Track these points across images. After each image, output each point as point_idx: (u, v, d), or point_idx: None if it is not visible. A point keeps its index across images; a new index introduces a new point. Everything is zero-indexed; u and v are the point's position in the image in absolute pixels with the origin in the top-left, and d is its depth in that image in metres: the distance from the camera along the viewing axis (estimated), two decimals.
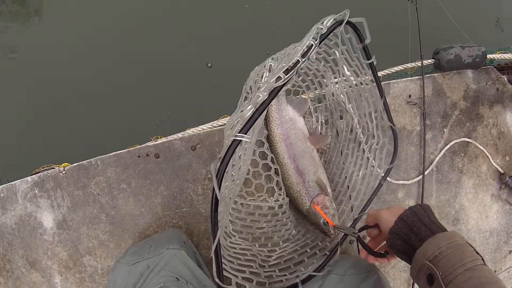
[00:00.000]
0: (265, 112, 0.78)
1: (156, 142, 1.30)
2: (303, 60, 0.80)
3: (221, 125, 1.33)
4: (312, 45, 0.82)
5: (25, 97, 2.00)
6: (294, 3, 2.28)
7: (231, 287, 0.83)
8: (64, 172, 1.29)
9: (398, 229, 0.79)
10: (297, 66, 0.79)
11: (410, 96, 1.47)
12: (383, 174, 1.28)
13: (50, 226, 1.27)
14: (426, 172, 1.47)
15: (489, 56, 1.60)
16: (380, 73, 1.47)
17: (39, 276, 1.27)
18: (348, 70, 1.14)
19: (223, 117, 1.37)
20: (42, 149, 1.85)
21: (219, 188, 0.71)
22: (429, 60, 1.52)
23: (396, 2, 1.53)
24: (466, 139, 1.56)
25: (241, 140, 0.70)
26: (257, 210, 1.21)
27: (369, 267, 1.09)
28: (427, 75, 1.51)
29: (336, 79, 1.23)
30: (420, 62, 1.48)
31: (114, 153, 1.29)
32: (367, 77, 1.16)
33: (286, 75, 0.77)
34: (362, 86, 1.19)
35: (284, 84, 0.77)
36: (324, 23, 0.87)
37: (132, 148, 1.30)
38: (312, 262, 1.15)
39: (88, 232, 1.25)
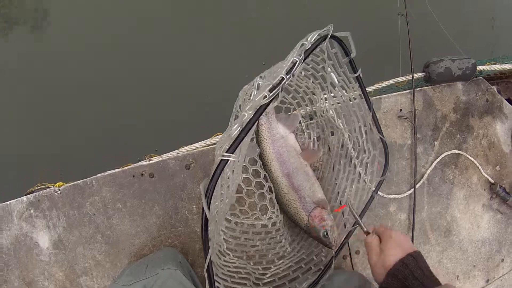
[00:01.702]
0: (252, 130, 0.80)
1: (151, 162, 1.31)
2: (287, 77, 0.81)
3: (214, 143, 1.34)
4: (297, 61, 0.83)
5: (19, 114, 2.01)
6: (288, 20, 2.28)
7: None
8: (59, 192, 1.29)
9: (389, 284, 0.73)
10: (282, 84, 0.80)
11: (400, 110, 1.49)
12: (373, 188, 1.29)
13: (46, 246, 1.27)
14: (417, 186, 1.49)
15: (479, 67, 1.63)
16: (370, 88, 1.49)
17: None
18: (335, 86, 1.16)
19: (216, 135, 1.38)
20: (37, 167, 1.86)
21: (209, 208, 0.73)
22: (420, 74, 1.54)
23: (387, 16, 1.55)
24: (457, 151, 1.59)
25: (228, 159, 0.72)
26: (250, 229, 1.23)
27: (361, 282, 1.10)
28: (417, 89, 1.53)
29: (326, 95, 1.25)
30: (411, 76, 1.50)
31: (109, 172, 1.30)
32: (355, 92, 1.17)
33: (271, 93, 0.79)
34: (351, 101, 1.20)
35: (269, 102, 0.79)
36: (309, 38, 0.89)
37: (126, 168, 1.31)
38: (306, 278, 1.16)
39: (84, 252, 1.26)
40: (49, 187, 1.35)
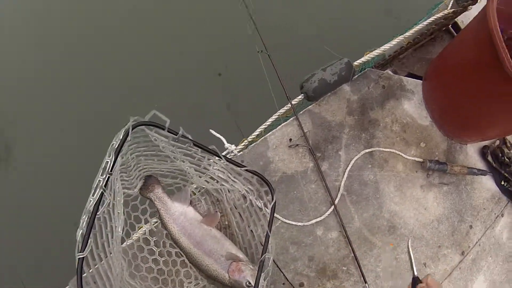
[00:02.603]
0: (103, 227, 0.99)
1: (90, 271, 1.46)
2: (103, 177, 0.96)
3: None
4: (108, 161, 0.97)
5: None
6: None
7: None
8: None
9: None
10: (100, 185, 0.95)
11: (290, 139, 1.53)
12: (268, 212, 1.28)
13: None
14: (336, 201, 1.51)
15: (358, 61, 1.62)
16: (257, 131, 1.54)
17: None
18: (176, 158, 1.24)
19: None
20: None
21: None
22: (299, 97, 1.57)
23: (250, 56, 1.61)
24: (367, 150, 1.58)
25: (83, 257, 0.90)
26: None
27: None
28: (301, 111, 1.56)
29: (188, 165, 1.31)
30: (290, 105, 1.54)
31: None
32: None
33: (93, 195, 0.94)
34: (207, 162, 1.27)
35: (98, 204, 0.94)
36: (116, 139, 1.01)
37: None
38: None
39: None
40: None
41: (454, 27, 1.83)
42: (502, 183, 1.77)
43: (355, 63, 1.61)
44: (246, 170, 1.30)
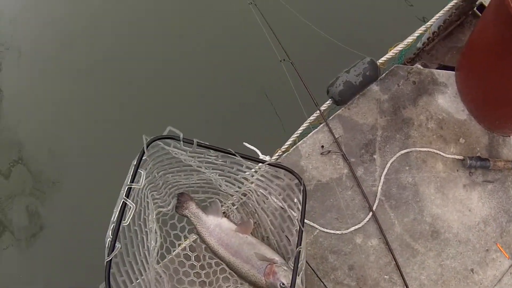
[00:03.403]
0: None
1: None
2: (127, 199, 1.01)
3: None
4: (129, 176, 1.03)
5: None
6: None
7: None
8: None
9: None
10: (123, 196, 1.01)
11: (322, 146, 1.48)
12: (297, 216, 1.23)
13: None
14: (374, 207, 1.44)
15: (382, 59, 1.55)
16: (289, 142, 1.50)
17: None
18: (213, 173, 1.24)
19: None
20: None
21: None
22: (327, 102, 1.52)
23: (273, 66, 1.56)
24: (403, 151, 1.51)
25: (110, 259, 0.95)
26: None
27: None
28: (331, 117, 1.50)
29: (213, 172, 1.29)
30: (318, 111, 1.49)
31: None
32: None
33: (116, 215, 0.99)
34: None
35: (119, 224, 0.98)
36: (134, 162, 1.06)
37: None
38: None
39: None
40: None
41: (480, 9, 1.72)
42: None
43: (380, 61, 1.54)
44: (269, 164, 1.26)
